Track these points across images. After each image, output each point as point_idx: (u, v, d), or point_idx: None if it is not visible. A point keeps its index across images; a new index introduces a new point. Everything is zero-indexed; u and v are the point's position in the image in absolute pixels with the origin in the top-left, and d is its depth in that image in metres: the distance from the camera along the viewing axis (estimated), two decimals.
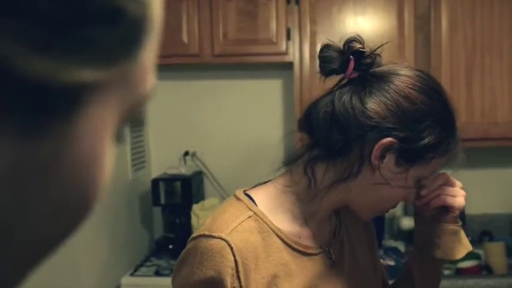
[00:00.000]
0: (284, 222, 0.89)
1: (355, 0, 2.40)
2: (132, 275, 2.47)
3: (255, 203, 0.89)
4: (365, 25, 2.41)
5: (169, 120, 2.85)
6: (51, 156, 0.21)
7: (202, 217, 2.50)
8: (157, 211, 2.77)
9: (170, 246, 2.61)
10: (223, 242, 0.81)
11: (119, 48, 0.22)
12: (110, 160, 0.25)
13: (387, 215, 2.60)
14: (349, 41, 0.86)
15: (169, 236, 2.64)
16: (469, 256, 2.34)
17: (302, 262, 0.89)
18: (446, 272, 2.29)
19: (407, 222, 2.52)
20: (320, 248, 0.92)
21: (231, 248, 0.81)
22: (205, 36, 2.46)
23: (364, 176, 0.86)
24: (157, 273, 2.44)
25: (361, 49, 0.85)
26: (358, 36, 0.87)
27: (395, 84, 0.84)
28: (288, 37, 2.44)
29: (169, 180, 2.57)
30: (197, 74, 2.81)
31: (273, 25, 2.44)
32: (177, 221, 2.62)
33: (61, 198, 0.23)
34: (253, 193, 0.91)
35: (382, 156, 0.84)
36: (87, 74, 0.21)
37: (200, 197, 2.71)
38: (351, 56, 0.85)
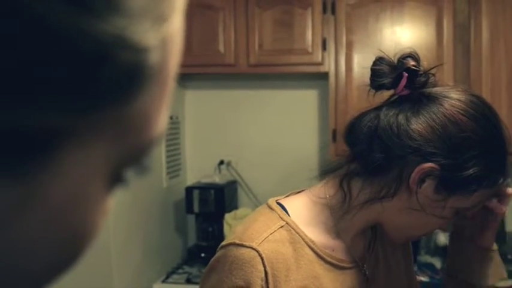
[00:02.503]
0: (317, 234, 0.87)
1: (392, 9, 2.37)
2: (163, 281, 2.49)
3: (287, 213, 0.87)
4: (402, 34, 2.37)
5: (204, 129, 2.87)
6: (19, 203, 0.21)
7: (234, 226, 2.50)
8: (191, 219, 2.79)
9: (202, 255, 2.62)
10: (253, 252, 0.80)
11: (103, 95, 0.20)
12: (103, 206, 0.24)
13: None
14: (404, 57, 0.83)
15: (202, 244, 2.65)
16: (509, 275, 2.25)
17: (335, 275, 0.87)
18: None
19: (444, 238, 2.45)
20: (354, 263, 0.89)
21: (262, 258, 0.79)
22: (241, 46, 2.48)
23: (400, 199, 0.82)
24: (189, 281, 2.45)
25: (415, 67, 0.81)
26: (414, 52, 0.84)
27: (445, 108, 0.80)
28: (324, 47, 2.43)
29: (203, 188, 2.59)
30: (233, 83, 2.82)
31: (309, 35, 2.43)
32: (210, 229, 2.63)
33: (37, 245, 0.22)
34: (286, 203, 0.89)
35: (421, 181, 0.80)
36: (59, 120, 0.20)
37: (233, 206, 2.72)
38: (404, 73, 0.81)
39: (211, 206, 2.57)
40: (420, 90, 0.83)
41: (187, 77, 2.85)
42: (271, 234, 0.83)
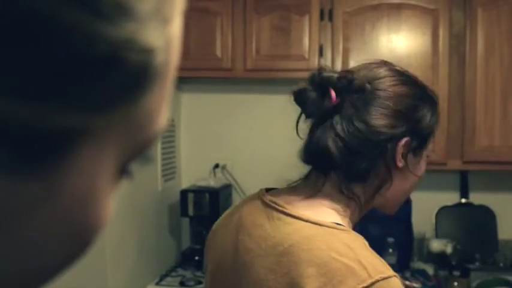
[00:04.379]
0: None
1: (389, 17, 2.39)
2: (157, 284, 2.49)
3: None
4: (398, 43, 2.39)
5: (200, 132, 2.88)
6: (43, 197, 0.22)
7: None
8: (185, 222, 2.80)
9: (196, 258, 2.62)
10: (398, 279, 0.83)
11: (114, 95, 0.22)
12: (111, 199, 0.26)
13: (416, 236, 2.55)
14: (320, 74, 0.88)
15: (196, 248, 2.66)
16: (501, 283, 2.27)
17: None
18: None
19: (436, 245, 2.47)
20: None
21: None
22: (238, 51, 2.49)
23: (395, 180, 0.92)
24: (182, 284, 2.45)
25: (333, 76, 0.87)
26: (322, 66, 0.92)
27: (381, 90, 0.89)
28: (321, 53, 2.44)
29: (198, 191, 2.59)
30: (229, 88, 2.84)
31: (306, 41, 2.45)
32: (204, 232, 2.63)
33: (53, 237, 0.23)
34: (331, 218, 0.89)
35: (404, 156, 0.91)
36: (75, 121, 0.21)
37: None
38: (330, 88, 0.87)
39: (205, 209, 2.57)
40: (348, 93, 0.87)
41: (184, 81, 2.86)
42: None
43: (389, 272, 0.80)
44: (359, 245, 0.84)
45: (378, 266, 0.80)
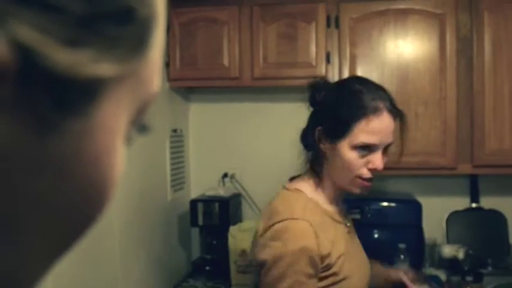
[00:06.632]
0: (326, 205, 1.39)
1: (395, 22, 2.39)
2: None
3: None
4: (406, 48, 2.39)
5: (208, 142, 2.88)
6: (69, 151, 0.23)
7: (239, 239, 2.50)
8: (195, 232, 2.79)
9: (207, 268, 2.62)
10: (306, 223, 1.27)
11: (132, 46, 0.24)
12: (121, 159, 0.27)
13: (428, 242, 2.53)
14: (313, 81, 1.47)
15: (206, 257, 2.65)
16: None
17: (340, 229, 1.39)
18: None
19: (448, 250, 2.45)
20: (343, 222, 1.42)
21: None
22: (246, 60, 2.50)
23: (330, 161, 1.37)
24: None
25: (319, 82, 1.45)
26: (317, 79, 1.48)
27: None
28: (328, 60, 2.45)
29: (207, 201, 2.59)
30: (237, 96, 2.84)
31: (313, 48, 2.45)
32: (214, 242, 2.63)
33: (77, 192, 0.24)
34: (299, 185, 1.39)
35: (322, 142, 1.37)
36: (105, 69, 0.23)
37: (238, 218, 2.72)
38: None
39: (215, 218, 2.57)
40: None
41: (191, 91, 2.87)
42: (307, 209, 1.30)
43: (303, 217, 1.26)
44: (297, 199, 1.33)
45: (297, 212, 1.27)
